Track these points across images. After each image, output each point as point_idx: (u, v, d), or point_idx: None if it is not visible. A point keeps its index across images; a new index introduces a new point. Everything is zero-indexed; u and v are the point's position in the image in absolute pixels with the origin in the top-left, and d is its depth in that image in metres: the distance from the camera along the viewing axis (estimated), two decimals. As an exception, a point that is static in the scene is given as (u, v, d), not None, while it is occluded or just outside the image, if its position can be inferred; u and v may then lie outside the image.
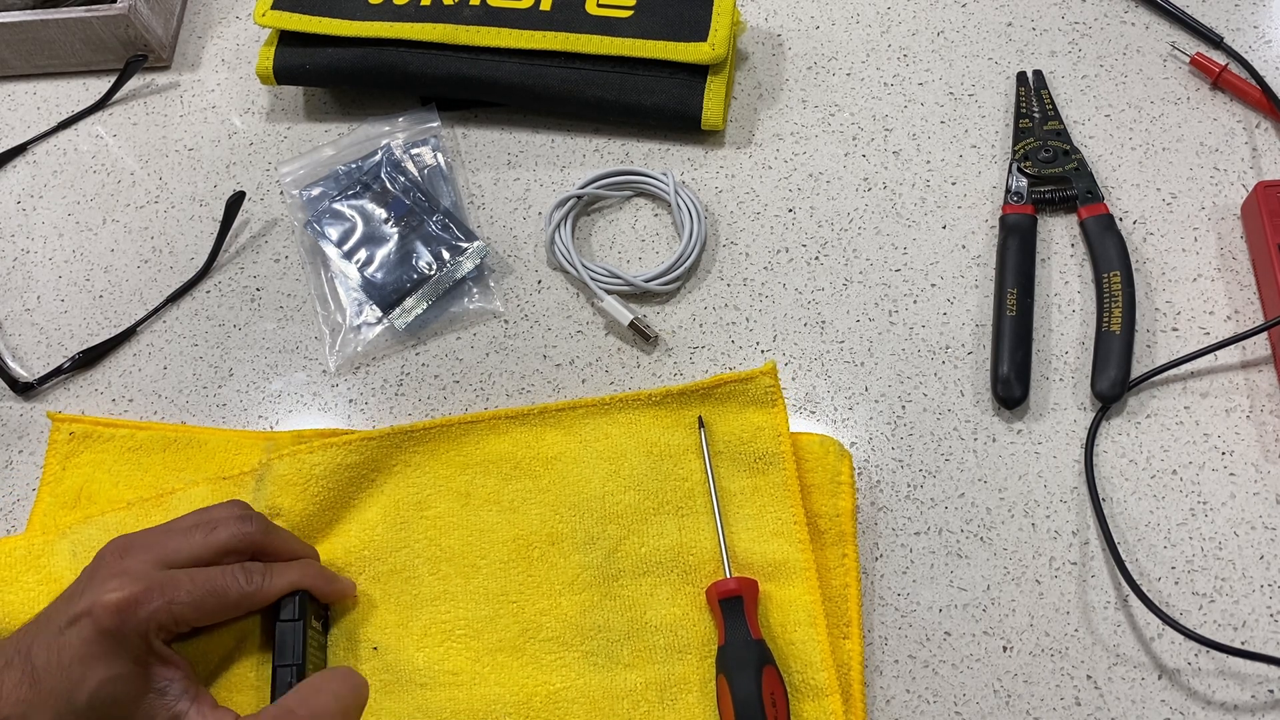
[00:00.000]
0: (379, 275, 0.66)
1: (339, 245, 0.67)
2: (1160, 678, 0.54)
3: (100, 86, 0.77)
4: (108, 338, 0.67)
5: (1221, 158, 0.67)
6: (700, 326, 0.65)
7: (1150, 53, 0.71)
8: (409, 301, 0.65)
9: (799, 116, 0.71)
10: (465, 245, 0.66)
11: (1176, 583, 0.56)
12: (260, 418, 0.65)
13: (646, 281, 0.65)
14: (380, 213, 0.68)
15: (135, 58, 0.76)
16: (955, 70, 0.72)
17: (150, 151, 0.75)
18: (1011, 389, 0.60)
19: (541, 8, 0.70)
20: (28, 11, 0.75)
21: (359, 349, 0.65)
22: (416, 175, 0.70)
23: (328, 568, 0.57)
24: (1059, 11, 0.73)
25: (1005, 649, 0.55)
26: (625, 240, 0.68)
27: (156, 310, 0.68)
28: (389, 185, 0.69)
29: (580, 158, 0.71)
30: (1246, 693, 0.53)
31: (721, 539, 0.56)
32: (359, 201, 0.68)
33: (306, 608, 0.54)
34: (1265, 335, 0.61)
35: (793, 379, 0.63)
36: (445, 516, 0.58)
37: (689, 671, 0.54)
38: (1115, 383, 0.59)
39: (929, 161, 0.69)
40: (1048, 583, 0.56)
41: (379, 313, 0.66)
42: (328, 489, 0.59)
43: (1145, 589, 0.55)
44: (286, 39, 0.72)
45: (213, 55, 0.79)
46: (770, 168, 0.70)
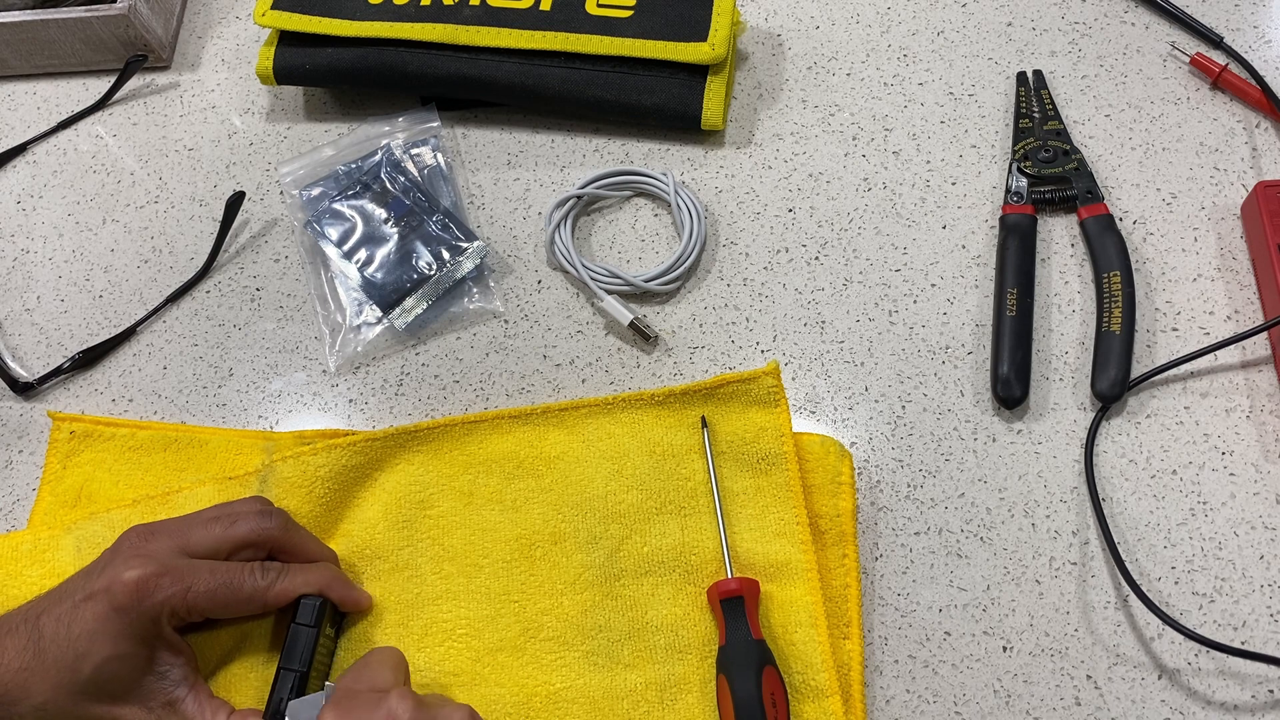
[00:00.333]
0: (379, 275, 0.66)
1: (339, 245, 0.67)
2: (1160, 678, 0.54)
3: (100, 86, 0.77)
4: (108, 338, 0.67)
5: (1221, 158, 0.67)
6: (700, 326, 0.65)
7: (1150, 53, 0.71)
8: (409, 301, 0.65)
9: (799, 116, 0.71)
10: (465, 245, 0.66)
11: (1176, 583, 0.56)
12: (260, 418, 0.65)
13: (646, 281, 0.65)
14: (380, 213, 0.68)
15: (135, 58, 0.76)
16: (955, 70, 0.72)
17: (150, 151, 0.75)
18: (1011, 389, 0.60)
19: (541, 8, 0.70)
20: (28, 11, 0.75)
21: (359, 349, 0.65)
22: (416, 175, 0.70)
23: (344, 575, 0.56)
24: (1059, 11, 0.73)
25: (1005, 649, 0.55)
26: (625, 240, 0.68)
27: (156, 310, 0.68)
28: (389, 185, 0.69)
29: (580, 158, 0.71)
30: (1246, 693, 0.53)
31: (724, 539, 0.56)
32: (359, 201, 0.68)
33: (325, 615, 0.53)
34: (1265, 335, 0.61)
35: (793, 379, 0.63)
36: (448, 516, 0.58)
37: (689, 671, 0.54)
38: (1115, 383, 0.59)
39: (929, 161, 0.69)
40: (1048, 583, 0.56)
41: (379, 313, 0.66)
42: (331, 490, 0.59)
43: (1145, 589, 0.55)
44: (286, 39, 0.72)
45: (213, 55, 0.79)
46: (770, 168, 0.70)
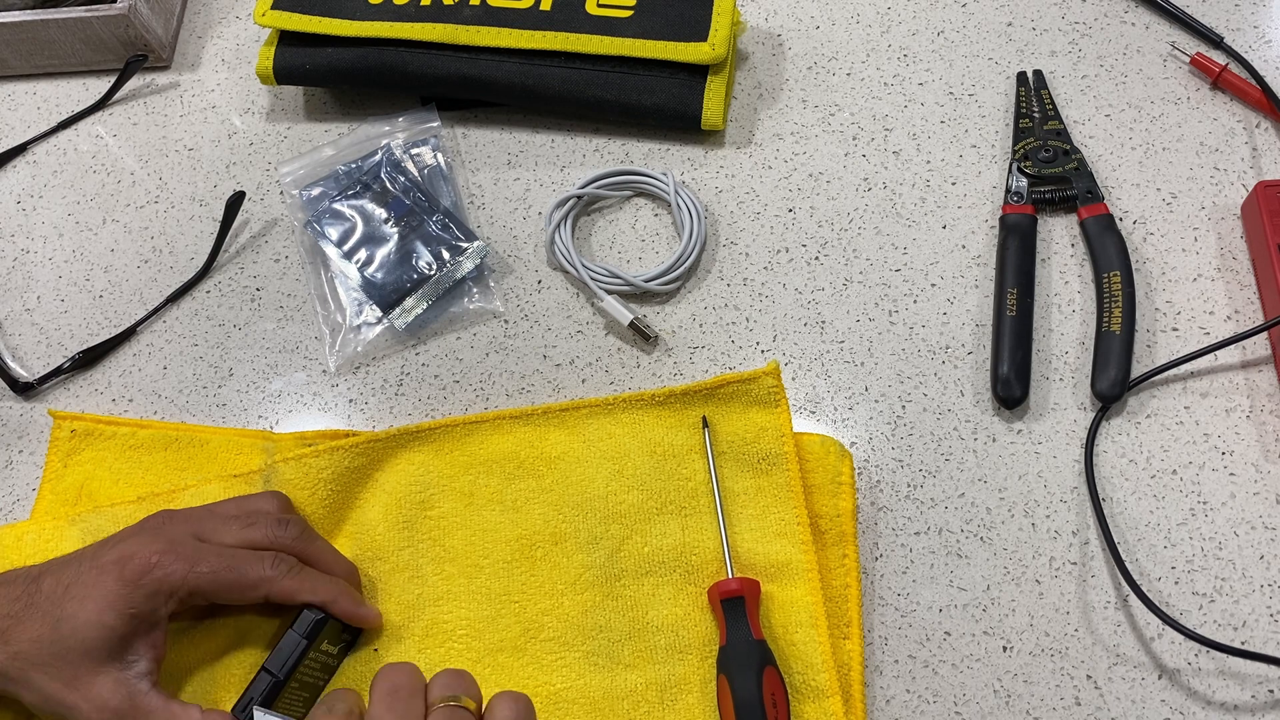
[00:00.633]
0: (379, 275, 0.66)
1: (339, 245, 0.67)
2: (1160, 678, 0.54)
3: (100, 86, 0.77)
4: (108, 338, 0.67)
5: (1221, 158, 0.67)
6: (700, 326, 0.65)
7: (1150, 53, 0.71)
8: (409, 301, 0.65)
9: (799, 116, 0.71)
10: (465, 245, 0.66)
11: (1176, 583, 0.56)
12: (260, 418, 0.65)
13: (646, 281, 0.65)
14: (380, 213, 0.68)
15: (135, 58, 0.76)
16: (955, 70, 0.72)
17: (150, 151, 0.75)
18: (1011, 389, 0.60)
19: (541, 8, 0.70)
20: (28, 11, 0.75)
21: (359, 349, 0.65)
22: (416, 175, 0.70)
23: (358, 592, 0.56)
24: (1059, 11, 0.73)
25: (1005, 649, 0.55)
26: (625, 240, 0.68)
27: (156, 310, 0.68)
28: (389, 185, 0.69)
29: (580, 158, 0.71)
30: (1246, 693, 0.53)
31: (724, 539, 0.56)
32: (359, 201, 0.68)
33: (321, 631, 0.53)
34: (1265, 335, 0.61)
35: (793, 379, 0.63)
36: (449, 516, 0.58)
37: (689, 672, 0.54)
38: (1115, 383, 0.59)
39: (929, 161, 0.69)
40: (1048, 583, 0.56)
41: (379, 313, 0.66)
42: (334, 492, 0.59)
43: (1145, 589, 0.55)
44: (286, 39, 0.72)
45: (213, 55, 0.79)
46: (770, 168, 0.70)
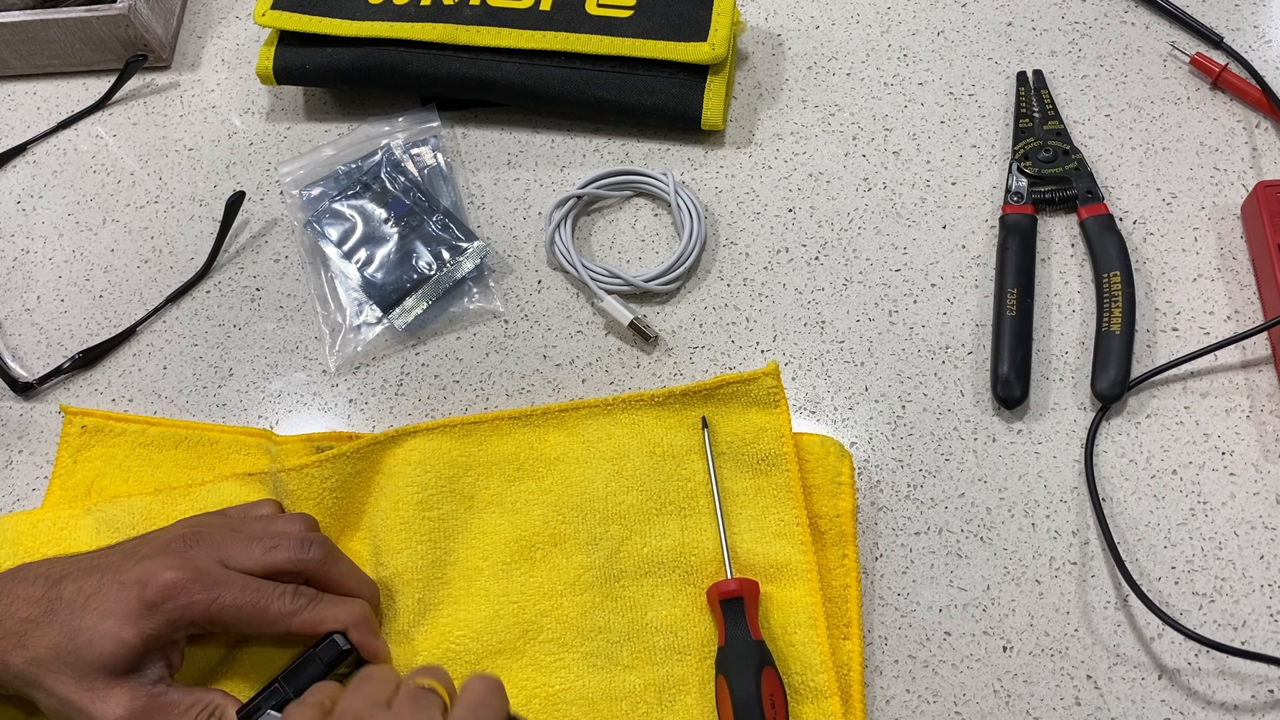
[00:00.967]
0: (379, 275, 0.66)
1: (339, 245, 0.67)
2: (1160, 678, 0.54)
3: (100, 86, 0.77)
4: (108, 338, 0.67)
5: (1221, 158, 0.67)
6: (700, 326, 0.65)
7: (1150, 53, 0.71)
8: (409, 301, 0.65)
9: (799, 116, 0.71)
10: (465, 245, 0.66)
11: (1176, 583, 0.56)
12: (260, 418, 0.65)
13: (646, 281, 0.65)
14: (380, 213, 0.68)
15: (135, 58, 0.76)
16: (955, 70, 0.72)
17: (150, 151, 0.75)
18: (1011, 389, 0.60)
19: (541, 8, 0.70)
20: (28, 11, 0.75)
21: (359, 349, 0.65)
22: (416, 175, 0.70)
23: (375, 619, 0.55)
24: (1059, 11, 0.73)
25: (1005, 649, 0.55)
26: (625, 240, 0.68)
27: (156, 310, 0.68)
28: (389, 185, 0.69)
29: (580, 158, 0.71)
30: (1246, 693, 0.53)
31: (723, 540, 0.56)
32: (359, 201, 0.68)
33: (343, 661, 0.52)
34: (1265, 335, 0.61)
35: (793, 379, 0.63)
36: (448, 518, 0.58)
37: (688, 673, 0.54)
38: (1115, 383, 0.59)
39: (929, 161, 0.69)
40: (1048, 583, 0.56)
41: (379, 313, 0.66)
42: (339, 500, 0.59)
43: (1145, 589, 0.55)
44: (286, 39, 0.72)
45: (213, 55, 0.79)
46: (770, 168, 0.70)
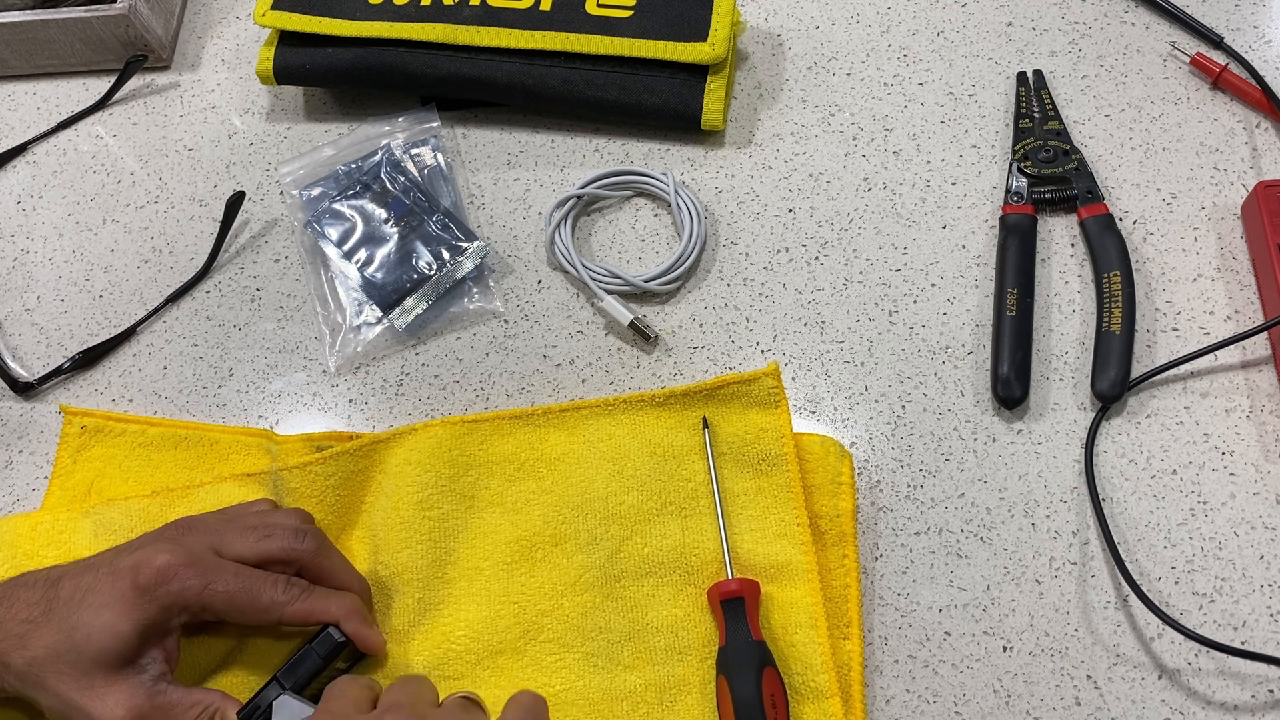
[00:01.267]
0: (379, 275, 0.66)
1: (339, 245, 0.67)
2: (1160, 678, 0.54)
3: (100, 86, 0.77)
4: (108, 338, 0.67)
5: (1221, 158, 0.67)
6: (700, 326, 0.65)
7: (1150, 53, 0.71)
8: (409, 301, 0.65)
9: (799, 116, 0.71)
10: (465, 245, 0.66)
11: (1176, 583, 0.56)
12: (260, 418, 0.65)
13: (646, 281, 0.65)
14: (380, 213, 0.68)
15: (135, 58, 0.76)
16: (955, 70, 0.72)
17: (150, 151, 0.75)
18: (1011, 389, 0.60)
19: (541, 8, 0.70)
20: (28, 11, 0.75)
21: (359, 349, 0.65)
22: (416, 175, 0.70)
23: (369, 611, 0.55)
24: (1059, 11, 0.73)
25: (1005, 649, 0.55)
26: (625, 240, 0.68)
27: (156, 310, 0.68)
28: (389, 185, 0.69)
29: (580, 158, 0.71)
30: (1246, 693, 0.53)
31: (724, 540, 0.56)
32: (359, 201, 0.68)
33: (340, 654, 0.52)
34: (1265, 335, 0.61)
35: (793, 379, 0.63)
36: (449, 518, 0.58)
37: (689, 673, 0.54)
38: (1115, 383, 0.59)
39: (929, 161, 0.69)
40: (1048, 583, 0.56)
41: (379, 313, 0.66)
42: (341, 498, 0.59)
43: (1145, 589, 0.55)
44: (286, 39, 0.72)
45: (213, 55, 0.79)
46: (770, 168, 0.70)
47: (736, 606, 0.53)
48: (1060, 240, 0.65)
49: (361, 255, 0.67)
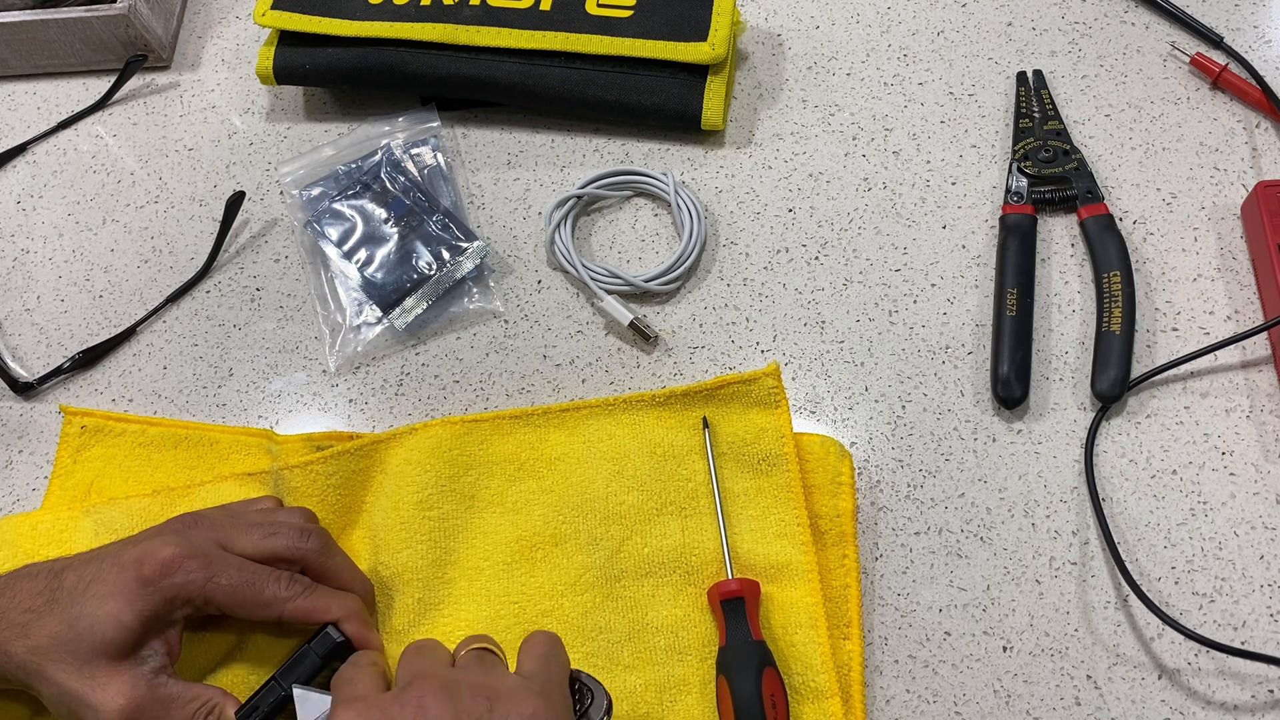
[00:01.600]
0: (379, 275, 0.66)
1: (339, 245, 0.67)
2: (1160, 678, 0.54)
3: (100, 86, 0.77)
4: (108, 338, 0.67)
5: (1221, 158, 0.67)
6: (700, 326, 0.65)
7: (1150, 53, 0.71)
8: (409, 301, 0.65)
9: (799, 116, 0.71)
10: (465, 245, 0.66)
11: (1176, 583, 0.56)
12: (260, 418, 0.65)
13: (646, 281, 0.65)
14: (380, 213, 0.68)
15: (135, 58, 0.76)
16: (955, 70, 0.72)
17: (150, 151, 0.75)
18: (1011, 389, 0.60)
19: (541, 8, 0.70)
20: (28, 11, 0.75)
21: (359, 349, 0.65)
22: (416, 175, 0.70)
23: (370, 613, 0.55)
24: (1059, 11, 0.73)
25: (1005, 649, 0.55)
26: (625, 240, 0.68)
27: (156, 310, 0.68)
28: (389, 185, 0.69)
29: (580, 158, 0.71)
30: (1246, 693, 0.53)
31: (724, 540, 0.56)
32: (359, 201, 0.68)
33: (338, 654, 0.52)
34: (1265, 335, 0.61)
35: (793, 379, 0.63)
36: (449, 518, 0.58)
37: (689, 673, 0.54)
38: (1115, 383, 0.59)
39: (929, 161, 0.69)
40: (1048, 583, 0.56)
41: (379, 313, 0.66)
42: (342, 497, 0.59)
43: (1145, 589, 0.55)
44: (286, 39, 0.72)
45: (213, 55, 0.79)
46: (770, 168, 0.70)
47: (736, 606, 0.53)
48: (1060, 240, 0.65)
49: (361, 255, 0.67)
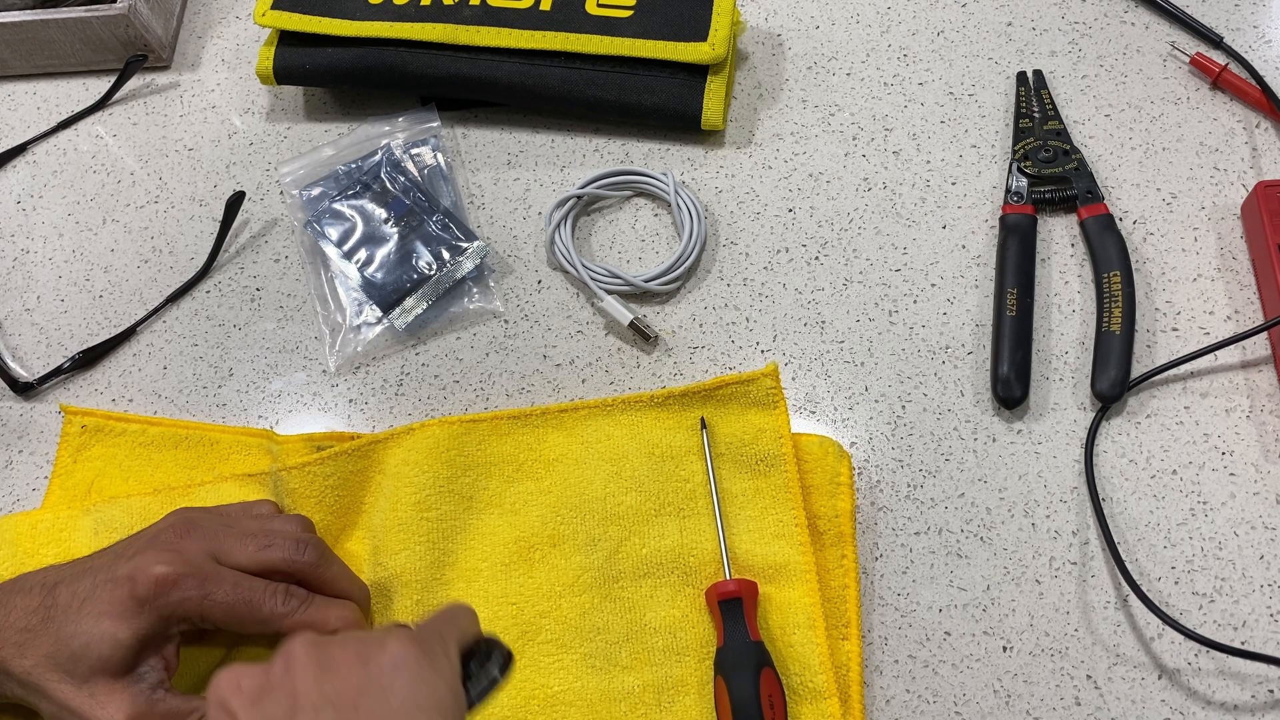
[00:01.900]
0: (379, 275, 0.66)
1: (339, 245, 0.67)
2: (1160, 678, 0.54)
3: (100, 86, 0.77)
4: (108, 338, 0.67)
5: (1221, 158, 0.67)
6: (700, 326, 0.65)
7: (1150, 53, 0.71)
8: (409, 301, 0.65)
9: (799, 116, 0.71)
10: (465, 245, 0.66)
11: (1176, 583, 0.56)
12: (260, 418, 0.65)
13: (646, 281, 0.65)
14: (380, 213, 0.68)
15: (135, 58, 0.76)
16: (955, 70, 0.72)
17: (150, 151, 0.75)
18: (1011, 389, 0.60)
19: (541, 8, 0.70)
20: (28, 11, 0.75)
21: (359, 349, 0.65)
22: (416, 175, 0.70)
23: (366, 621, 0.55)
24: (1059, 11, 0.73)
25: (1005, 649, 0.55)
26: (625, 240, 0.68)
27: (156, 310, 0.69)
28: (389, 185, 0.69)
29: (580, 158, 0.71)
30: (1246, 693, 0.53)
31: (722, 541, 0.56)
32: (359, 201, 0.68)
33: None
34: (1265, 335, 0.61)
35: (793, 379, 0.63)
36: (447, 519, 0.58)
37: (687, 674, 0.54)
38: (1115, 383, 0.59)
39: (929, 161, 0.69)
40: (1048, 583, 0.56)
41: (379, 313, 0.66)
42: (340, 498, 0.59)
43: (1145, 589, 0.55)
44: (286, 39, 0.72)
45: (213, 55, 0.79)
46: (770, 168, 0.70)
47: (734, 607, 0.53)
48: (1060, 240, 0.65)
49: (361, 255, 0.67)
